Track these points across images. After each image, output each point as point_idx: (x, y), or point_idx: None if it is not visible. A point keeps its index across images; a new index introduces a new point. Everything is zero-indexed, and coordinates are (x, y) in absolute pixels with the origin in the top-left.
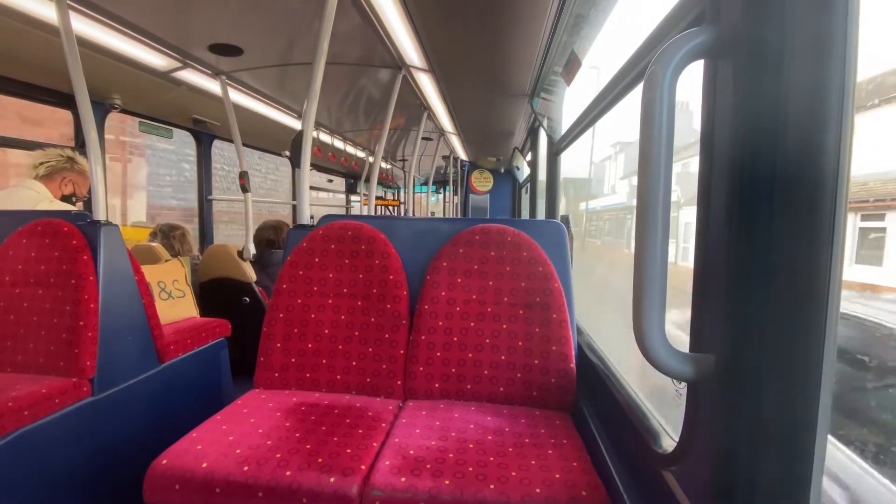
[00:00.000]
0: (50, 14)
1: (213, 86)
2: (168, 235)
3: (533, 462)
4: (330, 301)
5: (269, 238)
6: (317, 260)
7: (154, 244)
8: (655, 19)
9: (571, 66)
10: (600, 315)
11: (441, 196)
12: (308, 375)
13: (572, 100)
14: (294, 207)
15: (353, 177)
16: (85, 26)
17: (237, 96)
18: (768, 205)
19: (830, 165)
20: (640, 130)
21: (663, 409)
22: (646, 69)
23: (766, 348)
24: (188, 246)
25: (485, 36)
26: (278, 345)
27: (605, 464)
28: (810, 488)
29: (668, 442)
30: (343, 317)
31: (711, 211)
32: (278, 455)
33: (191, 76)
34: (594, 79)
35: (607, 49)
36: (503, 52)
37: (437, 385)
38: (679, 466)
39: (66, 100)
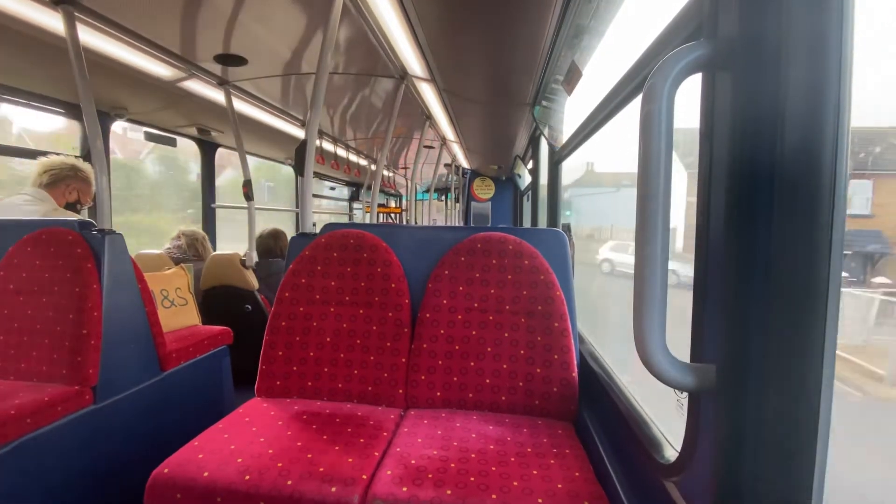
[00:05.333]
0: (57, 25)
1: (217, 95)
2: (193, 239)
3: (535, 472)
4: (332, 309)
5: (269, 246)
6: (319, 268)
7: (162, 252)
8: (655, 30)
9: (572, 76)
10: None
11: (444, 202)
12: (310, 384)
13: (573, 108)
14: (297, 215)
15: (355, 185)
16: (91, 37)
17: (241, 105)
18: (767, 215)
19: (828, 176)
20: (639, 142)
21: None
22: (645, 81)
23: (766, 358)
24: (209, 250)
25: (486, 46)
26: (280, 353)
27: (607, 473)
28: (812, 497)
29: (671, 452)
30: (345, 325)
31: (711, 221)
32: (280, 464)
33: (196, 86)
34: (595, 89)
35: (608, 59)
36: (504, 62)
37: (438, 394)
38: (681, 476)
39: (72, 109)
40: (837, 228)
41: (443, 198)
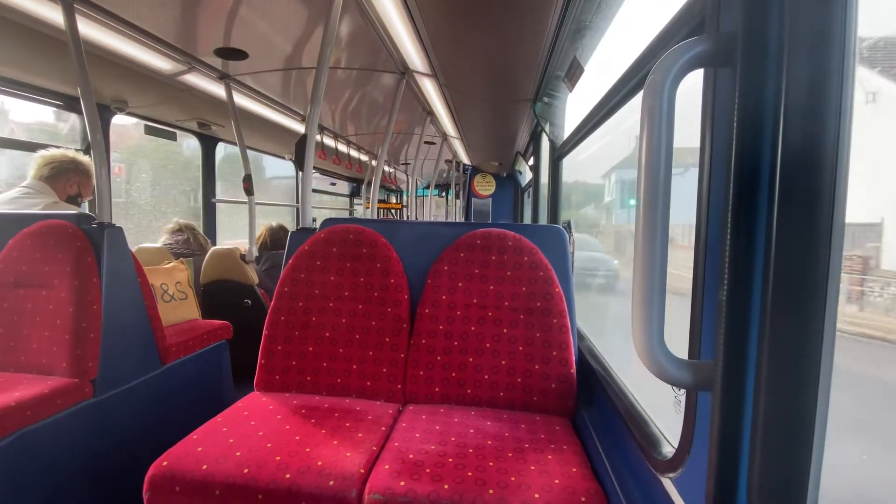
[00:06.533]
0: (57, 18)
1: (218, 89)
2: (195, 232)
3: (532, 467)
4: (331, 304)
5: (280, 238)
6: (318, 263)
7: (160, 245)
8: (657, 27)
9: (574, 72)
10: None
11: (444, 198)
12: (308, 378)
13: (575, 104)
14: (297, 210)
15: (356, 180)
16: (91, 30)
17: (242, 100)
18: (767, 211)
19: (829, 172)
20: (640, 138)
21: None
22: (646, 77)
23: (765, 354)
24: (208, 241)
25: (488, 41)
26: (279, 347)
27: (604, 469)
28: (808, 494)
29: (668, 448)
30: (344, 320)
31: (710, 216)
32: (278, 458)
33: (196, 79)
34: (597, 85)
35: (610, 55)
36: (506, 58)
37: (437, 389)
38: (678, 472)
39: (72, 102)
40: (838, 225)
41: (443, 194)
